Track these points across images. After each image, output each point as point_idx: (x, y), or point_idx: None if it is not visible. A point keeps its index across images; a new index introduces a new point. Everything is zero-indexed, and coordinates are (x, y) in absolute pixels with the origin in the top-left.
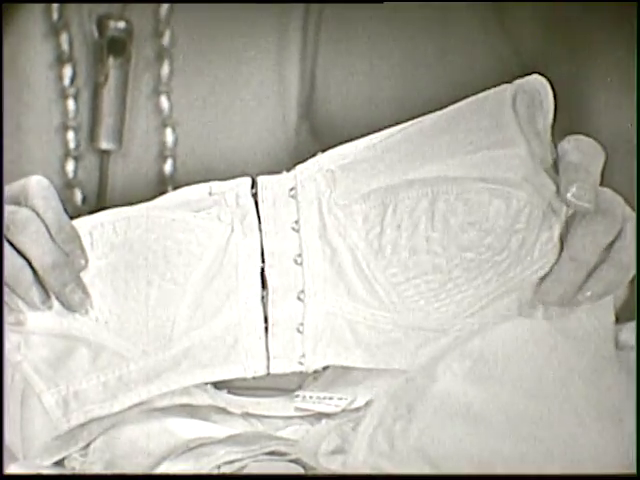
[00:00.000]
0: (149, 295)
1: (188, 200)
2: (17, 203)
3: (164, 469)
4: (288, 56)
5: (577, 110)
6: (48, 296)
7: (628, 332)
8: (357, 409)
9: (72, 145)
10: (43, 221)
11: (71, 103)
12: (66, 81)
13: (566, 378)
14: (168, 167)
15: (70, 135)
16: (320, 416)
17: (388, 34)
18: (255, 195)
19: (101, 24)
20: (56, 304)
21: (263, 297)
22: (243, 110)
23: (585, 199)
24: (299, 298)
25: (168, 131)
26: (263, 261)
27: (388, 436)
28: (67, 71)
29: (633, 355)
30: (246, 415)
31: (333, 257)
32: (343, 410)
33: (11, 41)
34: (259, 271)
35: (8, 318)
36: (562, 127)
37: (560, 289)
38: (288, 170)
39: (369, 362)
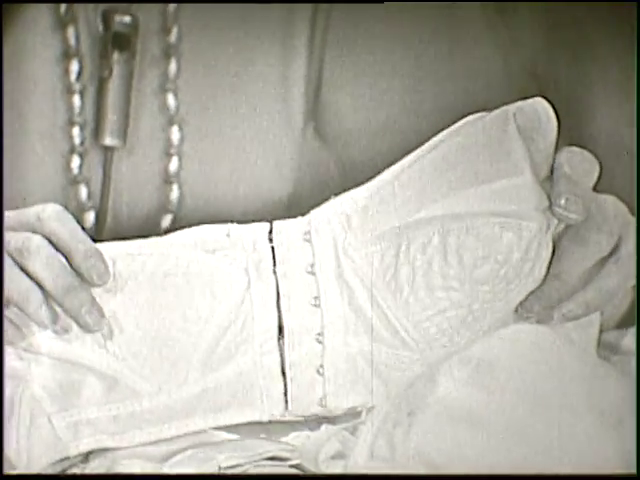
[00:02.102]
0: (169, 334)
1: (205, 239)
2: (31, 230)
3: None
4: (295, 54)
5: (577, 112)
6: (57, 315)
7: (629, 338)
8: (358, 414)
9: (77, 141)
10: (57, 246)
11: (77, 99)
12: (72, 76)
13: (566, 382)
14: (173, 165)
15: (75, 131)
16: (321, 420)
17: (396, 35)
18: (271, 239)
19: (106, 18)
20: (71, 332)
21: (279, 340)
22: (250, 108)
23: (572, 210)
24: (317, 340)
25: (174, 129)
26: (279, 304)
27: (389, 441)
28: (73, 66)
29: (634, 361)
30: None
31: (351, 298)
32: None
33: (18, 35)
34: (276, 314)
35: (21, 343)
36: (562, 130)
37: (540, 305)
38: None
39: (394, 401)
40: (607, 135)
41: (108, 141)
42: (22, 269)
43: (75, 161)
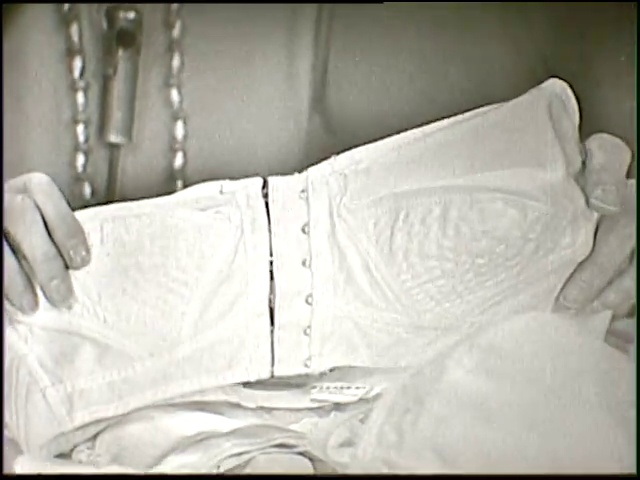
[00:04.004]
0: (158, 297)
1: (199, 197)
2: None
3: (171, 461)
4: (300, 49)
5: (587, 103)
6: (37, 304)
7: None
8: (366, 401)
9: (82, 139)
10: (42, 214)
11: (81, 96)
12: (76, 74)
13: (577, 372)
14: (178, 161)
15: (80, 128)
16: (331, 408)
17: (403, 26)
18: (266, 196)
19: (110, 15)
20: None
21: (271, 300)
22: (254, 103)
23: (610, 202)
24: (307, 301)
25: (179, 124)
26: (272, 263)
27: (397, 429)
28: (77, 63)
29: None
30: (258, 409)
31: (342, 261)
32: (360, 399)
33: (22, 33)
34: (268, 274)
35: (15, 317)
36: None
37: (581, 293)
38: (300, 170)
39: (377, 362)
40: (617, 125)
41: (113, 138)
42: (7, 239)
43: (79, 159)
